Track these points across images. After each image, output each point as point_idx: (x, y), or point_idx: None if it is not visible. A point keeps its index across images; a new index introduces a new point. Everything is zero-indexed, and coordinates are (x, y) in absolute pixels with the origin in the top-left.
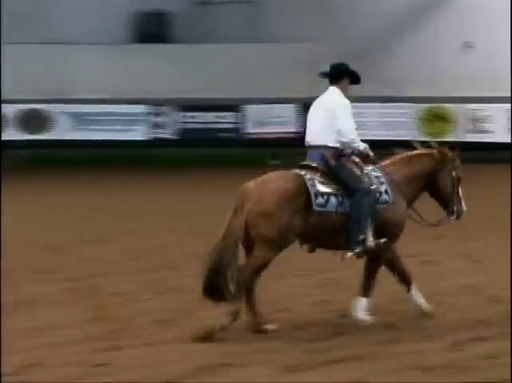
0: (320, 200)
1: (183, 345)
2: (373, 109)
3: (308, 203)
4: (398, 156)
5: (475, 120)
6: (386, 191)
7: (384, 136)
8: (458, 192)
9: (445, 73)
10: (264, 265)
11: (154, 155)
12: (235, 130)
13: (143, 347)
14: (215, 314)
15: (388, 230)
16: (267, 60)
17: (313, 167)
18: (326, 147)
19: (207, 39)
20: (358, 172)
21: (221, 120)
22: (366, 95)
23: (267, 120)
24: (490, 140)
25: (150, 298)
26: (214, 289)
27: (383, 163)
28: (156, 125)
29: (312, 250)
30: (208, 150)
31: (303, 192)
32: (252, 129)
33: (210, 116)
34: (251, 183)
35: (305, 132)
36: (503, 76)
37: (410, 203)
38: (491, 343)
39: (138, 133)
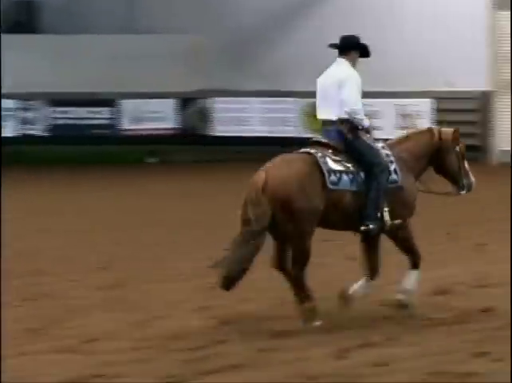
0: (333, 178)
1: (56, 355)
2: (256, 104)
3: (323, 182)
4: (402, 135)
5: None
6: (395, 171)
7: (267, 132)
8: (464, 167)
9: None
10: (309, 254)
11: (23, 152)
12: (110, 126)
13: (13, 357)
14: (87, 322)
15: (398, 211)
16: (143, 52)
17: (323, 143)
18: (341, 121)
19: (79, 29)
20: (375, 147)
21: (94, 116)
22: (249, 89)
23: (144, 116)
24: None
25: (20, 305)
26: (233, 278)
27: (389, 142)
28: (25, 121)
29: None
30: (82, 147)
31: (317, 171)
32: (128, 125)
33: (83, 112)
34: (261, 174)
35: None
36: (391, 72)
37: (416, 179)
38: (379, 349)
39: (6, 129)
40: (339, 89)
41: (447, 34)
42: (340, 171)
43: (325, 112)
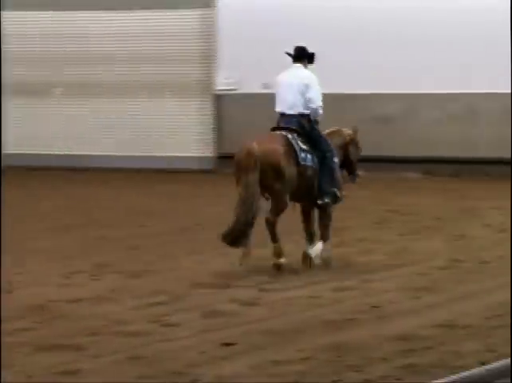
0: (303, 155)
1: None
2: None
3: (295, 157)
4: (326, 132)
5: None
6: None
7: None
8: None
9: None
10: (284, 207)
11: None
12: None
13: None
14: None
15: None
16: None
17: (290, 129)
18: (301, 114)
19: None
20: (325, 136)
21: None
22: None
23: None
24: None
25: None
26: (235, 238)
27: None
28: None
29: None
30: None
31: (291, 148)
32: None
33: None
34: (253, 145)
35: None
36: None
37: None
38: None
39: None
40: (305, 90)
41: None
42: (306, 151)
43: (288, 106)
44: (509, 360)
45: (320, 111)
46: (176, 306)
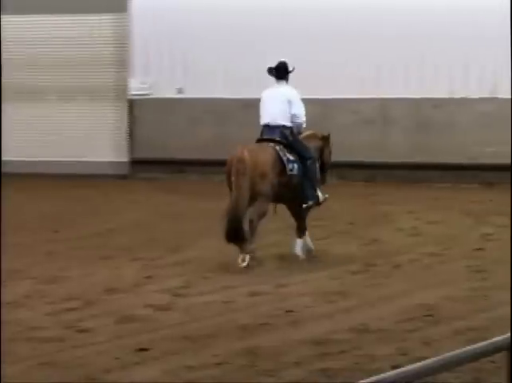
0: (290, 166)
1: None
2: None
3: (283, 168)
4: (303, 135)
5: None
6: None
7: None
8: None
9: None
10: (266, 212)
11: None
12: None
13: None
14: None
15: None
16: None
17: (275, 140)
18: (284, 126)
19: None
20: (307, 145)
21: None
22: None
23: None
24: None
25: None
26: (234, 232)
27: None
28: None
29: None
30: None
31: (279, 160)
32: None
33: None
34: (245, 153)
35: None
36: None
37: None
38: None
39: None
40: (289, 105)
41: None
42: (292, 161)
43: (272, 119)
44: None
45: (304, 125)
46: (90, 311)
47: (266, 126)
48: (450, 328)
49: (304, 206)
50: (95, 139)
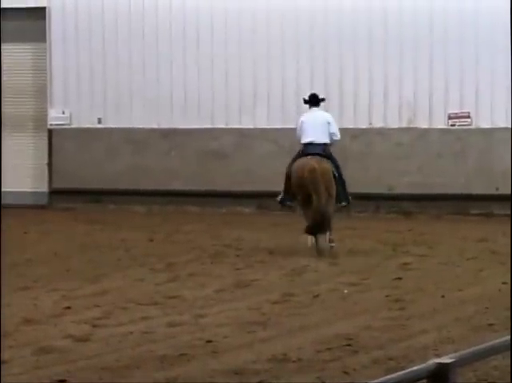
0: (335, 173)
1: None
2: None
3: (334, 175)
4: None
5: None
6: None
7: None
8: None
9: None
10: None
11: None
12: None
13: None
14: None
15: None
16: None
17: (319, 154)
18: (325, 144)
19: None
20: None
21: None
22: None
23: None
24: None
25: None
26: (322, 226)
27: None
28: None
29: None
30: None
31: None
32: None
33: None
34: (315, 164)
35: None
36: None
37: None
38: None
39: None
40: (328, 126)
41: None
42: (336, 169)
43: (316, 138)
44: None
45: (338, 141)
46: (7, 342)
47: (309, 144)
48: (369, 357)
49: (342, 204)
50: (15, 168)
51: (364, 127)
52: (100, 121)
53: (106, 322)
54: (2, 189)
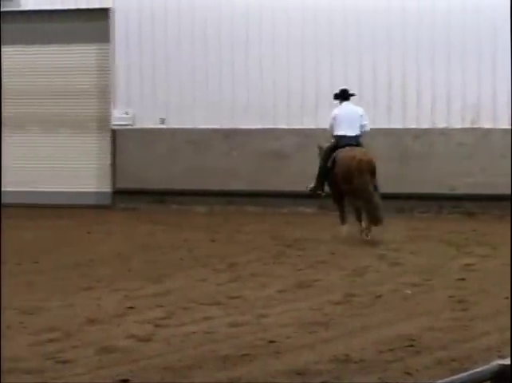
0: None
1: None
2: None
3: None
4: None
5: None
6: None
7: None
8: None
9: None
10: None
11: None
12: None
13: None
14: None
15: None
16: None
17: (355, 145)
18: (357, 135)
19: None
20: None
21: None
22: None
23: None
24: None
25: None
26: (380, 213)
27: None
28: None
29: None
30: None
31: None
32: None
33: None
34: (361, 155)
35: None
36: None
37: None
38: None
39: None
40: (360, 118)
41: None
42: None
43: (350, 130)
44: None
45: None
46: (71, 342)
47: (344, 136)
48: (432, 358)
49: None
50: (78, 169)
51: (426, 127)
52: (162, 122)
53: (168, 322)
54: (66, 189)
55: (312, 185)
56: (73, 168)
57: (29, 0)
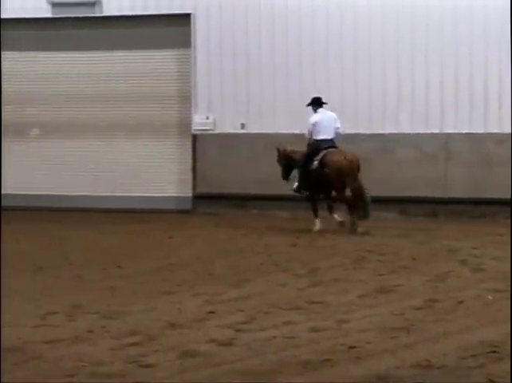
0: None
1: None
2: None
3: None
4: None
5: None
6: None
7: None
8: None
9: None
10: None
11: None
12: None
13: None
14: None
15: None
16: None
17: (335, 147)
18: (333, 139)
19: None
20: None
21: None
22: None
23: None
24: None
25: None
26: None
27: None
28: None
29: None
30: None
31: None
32: None
33: None
34: (350, 157)
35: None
36: None
37: None
38: None
39: None
40: (334, 123)
41: None
42: None
43: (326, 134)
44: None
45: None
46: (152, 346)
47: (324, 140)
48: None
49: None
50: (159, 174)
51: (509, 132)
52: (243, 127)
53: (249, 327)
54: (146, 194)
55: (295, 186)
56: (154, 173)
57: (112, 6)
